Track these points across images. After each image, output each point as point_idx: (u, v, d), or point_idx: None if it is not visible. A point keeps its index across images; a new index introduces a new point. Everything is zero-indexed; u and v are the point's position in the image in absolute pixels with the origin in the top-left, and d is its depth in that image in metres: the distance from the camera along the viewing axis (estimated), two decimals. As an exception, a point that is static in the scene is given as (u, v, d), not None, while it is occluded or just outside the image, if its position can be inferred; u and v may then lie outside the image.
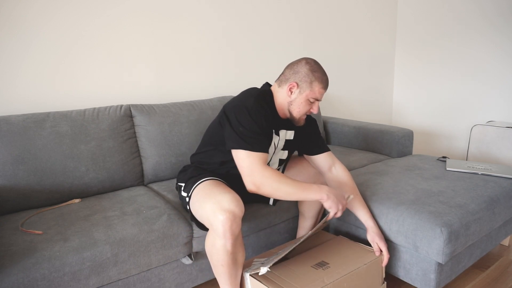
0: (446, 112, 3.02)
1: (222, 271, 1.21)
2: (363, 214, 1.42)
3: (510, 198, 1.54)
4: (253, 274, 1.25)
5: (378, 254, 1.36)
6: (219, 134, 1.35)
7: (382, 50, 3.19)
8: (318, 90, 1.31)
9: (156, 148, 1.75)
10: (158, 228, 1.30)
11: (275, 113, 1.37)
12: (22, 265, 1.06)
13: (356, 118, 3.12)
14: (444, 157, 1.98)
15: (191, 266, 1.42)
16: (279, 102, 1.36)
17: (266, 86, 1.41)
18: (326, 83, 1.33)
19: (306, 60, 1.33)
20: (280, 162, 1.48)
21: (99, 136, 1.62)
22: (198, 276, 1.45)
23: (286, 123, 1.42)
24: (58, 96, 1.74)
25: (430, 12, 2.98)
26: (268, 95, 1.36)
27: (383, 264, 1.35)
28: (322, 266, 1.30)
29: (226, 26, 2.23)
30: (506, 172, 1.70)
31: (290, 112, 1.36)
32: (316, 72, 1.31)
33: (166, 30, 2.01)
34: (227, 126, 1.27)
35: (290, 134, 1.45)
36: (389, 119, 3.42)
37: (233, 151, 1.25)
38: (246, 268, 1.29)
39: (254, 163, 1.21)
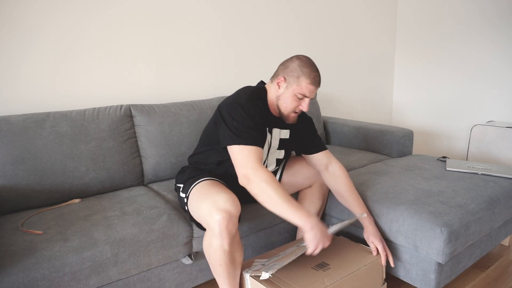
0: (446, 112, 3.02)
1: (220, 270, 1.21)
2: (359, 212, 1.40)
3: (510, 198, 1.54)
4: (253, 275, 1.25)
5: (375, 253, 1.35)
6: (215, 134, 1.35)
7: (382, 50, 3.19)
8: (305, 86, 1.28)
9: (156, 148, 1.75)
10: (158, 228, 1.30)
11: (268, 110, 1.37)
12: (22, 265, 1.06)
13: (356, 118, 3.12)
14: (444, 157, 1.98)
15: (191, 266, 1.42)
16: (270, 98, 1.36)
17: (261, 84, 1.42)
18: (315, 79, 1.29)
19: (297, 56, 1.32)
20: (278, 162, 1.48)
21: (99, 136, 1.62)
22: (198, 276, 1.45)
23: (280, 121, 1.41)
24: (58, 96, 1.74)
25: (430, 12, 2.98)
26: (262, 92, 1.36)
27: (383, 263, 1.34)
28: (323, 267, 1.29)
29: (226, 26, 2.23)
30: (506, 172, 1.70)
31: (279, 108, 1.35)
32: (305, 68, 1.28)
33: (166, 30, 2.01)
34: (221, 124, 1.27)
35: (285, 133, 1.45)
36: (389, 119, 3.42)
37: (228, 148, 1.24)
38: (247, 269, 1.29)
39: (249, 156, 1.19)
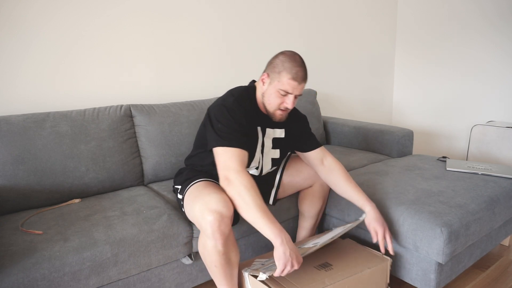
0: (446, 112, 3.02)
1: (216, 271, 1.22)
2: (358, 199, 1.37)
3: (510, 198, 1.54)
4: (252, 274, 1.25)
5: (375, 240, 1.32)
6: (206, 136, 1.34)
7: (382, 50, 3.19)
8: (286, 81, 1.25)
9: (156, 148, 1.75)
10: (158, 228, 1.30)
11: (258, 109, 1.36)
12: (22, 265, 1.06)
13: (356, 118, 3.11)
14: (444, 157, 1.98)
15: (191, 266, 1.42)
16: (258, 96, 1.36)
17: (252, 83, 1.41)
18: (297, 74, 1.25)
19: (282, 52, 1.30)
20: (273, 162, 1.46)
21: (99, 136, 1.62)
22: (198, 276, 1.45)
23: (273, 120, 1.40)
24: (58, 96, 1.74)
25: (430, 12, 2.98)
26: (251, 91, 1.36)
27: (381, 250, 1.30)
28: (325, 267, 1.29)
29: (226, 26, 2.23)
30: (506, 172, 1.70)
31: (264, 105, 1.34)
32: (287, 62, 1.25)
33: (166, 30, 2.01)
34: (208, 127, 1.27)
35: (280, 132, 1.44)
36: (389, 119, 3.42)
37: (213, 150, 1.24)
38: (246, 268, 1.29)
39: (231, 158, 1.18)
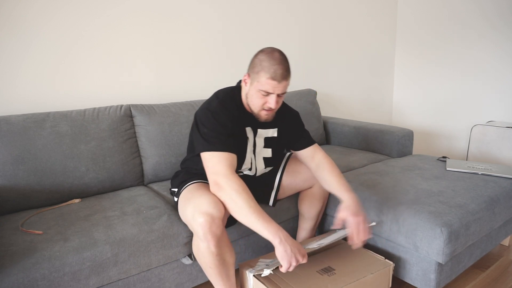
0: (446, 112, 3.02)
1: (211, 272, 1.22)
2: (339, 189, 1.32)
3: (510, 198, 1.54)
4: (256, 275, 1.25)
5: (336, 226, 1.28)
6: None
7: (382, 50, 3.19)
8: (265, 81, 1.20)
9: (156, 148, 1.75)
10: (158, 228, 1.30)
11: (245, 110, 1.33)
12: (22, 265, 1.06)
13: (356, 118, 3.11)
14: (444, 157, 1.98)
15: (191, 266, 1.42)
16: (243, 97, 1.33)
17: (239, 83, 1.39)
18: (276, 73, 1.18)
19: (262, 50, 1.25)
20: (267, 161, 1.45)
21: (99, 136, 1.62)
22: (198, 276, 1.45)
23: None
24: (58, 96, 1.74)
25: (430, 12, 2.98)
26: (237, 92, 1.33)
27: (354, 247, 1.27)
28: (328, 272, 1.28)
29: (226, 26, 2.23)
30: (506, 172, 1.70)
31: (249, 106, 1.31)
32: (265, 61, 1.19)
33: (166, 30, 2.01)
34: (195, 131, 1.26)
35: (273, 132, 1.42)
36: (389, 119, 3.42)
37: (201, 155, 1.22)
38: (250, 268, 1.29)
39: (219, 163, 1.17)
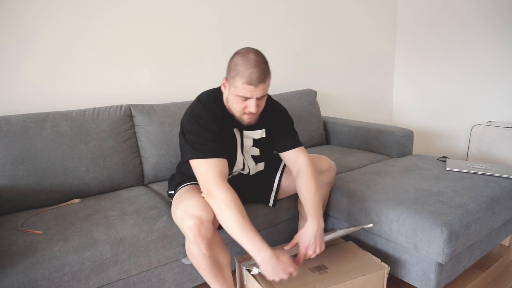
0: (446, 112, 3.02)
1: (206, 274, 1.22)
2: (307, 210, 1.27)
3: (510, 198, 1.54)
4: (248, 268, 1.25)
5: (295, 252, 1.24)
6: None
7: (382, 50, 3.19)
8: (241, 86, 1.15)
9: (156, 148, 1.75)
10: (158, 228, 1.30)
11: (228, 112, 1.29)
12: (22, 265, 1.06)
13: (356, 118, 3.11)
14: (444, 157, 1.98)
15: (191, 266, 1.42)
16: (224, 100, 1.29)
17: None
18: (251, 77, 1.13)
19: (237, 52, 1.19)
20: (254, 159, 1.42)
21: (99, 136, 1.62)
22: (198, 276, 1.45)
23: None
24: (58, 96, 1.74)
25: (430, 12, 2.98)
26: (219, 94, 1.30)
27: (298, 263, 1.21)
28: (320, 270, 1.27)
29: (226, 26, 2.23)
30: (506, 172, 1.70)
31: (230, 110, 1.26)
32: (240, 65, 1.14)
33: (166, 30, 2.01)
34: (182, 138, 1.25)
35: (261, 133, 1.39)
36: (389, 119, 3.42)
37: (190, 162, 1.20)
38: (245, 261, 1.31)
39: (209, 171, 1.15)
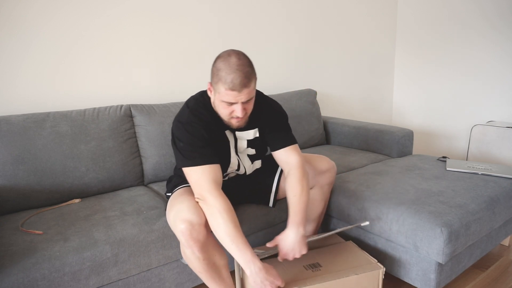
0: (446, 112, 3.02)
1: (203, 277, 1.22)
2: (290, 216, 1.25)
3: (510, 198, 1.54)
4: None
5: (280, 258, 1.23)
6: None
7: (382, 50, 3.19)
8: (224, 92, 1.11)
9: (156, 148, 1.75)
10: (158, 228, 1.30)
11: (217, 115, 1.24)
12: (22, 265, 1.06)
13: (356, 118, 3.11)
14: (444, 157, 1.98)
15: (191, 266, 1.42)
16: (212, 104, 1.25)
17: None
18: (233, 83, 1.09)
19: (218, 56, 1.15)
20: (251, 157, 1.40)
21: (99, 136, 1.62)
22: (198, 276, 1.44)
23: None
24: (58, 96, 1.74)
25: (430, 12, 2.98)
26: (207, 97, 1.27)
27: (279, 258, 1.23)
28: (313, 267, 1.27)
29: (225, 26, 2.23)
30: (506, 172, 1.70)
31: (218, 114, 1.23)
32: (221, 71, 1.10)
33: (166, 30, 2.01)
34: (173, 146, 1.24)
35: (254, 133, 1.35)
36: (389, 119, 3.42)
37: (182, 169, 1.19)
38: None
39: (202, 178, 1.14)
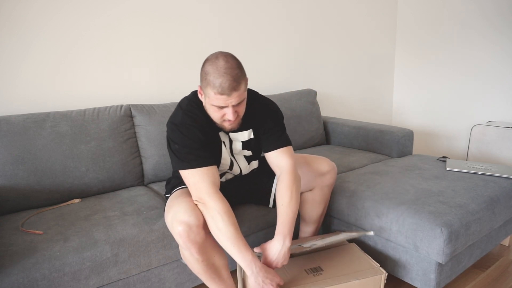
0: (446, 112, 3.02)
1: (203, 278, 1.21)
2: (278, 225, 1.21)
3: (510, 198, 1.54)
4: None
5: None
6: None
7: (382, 50, 3.19)
8: (214, 97, 1.09)
9: (156, 148, 1.75)
10: (158, 228, 1.30)
11: (210, 117, 1.22)
12: (22, 265, 1.06)
13: (356, 118, 3.11)
14: (444, 157, 1.98)
15: (191, 266, 1.42)
16: (204, 106, 1.22)
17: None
18: (222, 87, 1.07)
19: (206, 59, 1.13)
20: (247, 158, 1.38)
21: (99, 136, 1.62)
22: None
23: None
24: (58, 96, 1.74)
25: (430, 12, 2.98)
26: (198, 98, 1.25)
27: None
28: (315, 272, 1.27)
29: (225, 26, 2.23)
30: (506, 172, 1.70)
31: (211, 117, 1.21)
32: (210, 75, 1.08)
33: (166, 30, 2.01)
34: (168, 148, 1.23)
35: (249, 133, 1.33)
36: (389, 119, 3.42)
37: (179, 172, 1.19)
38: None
39: (200, 181, 1.13)
